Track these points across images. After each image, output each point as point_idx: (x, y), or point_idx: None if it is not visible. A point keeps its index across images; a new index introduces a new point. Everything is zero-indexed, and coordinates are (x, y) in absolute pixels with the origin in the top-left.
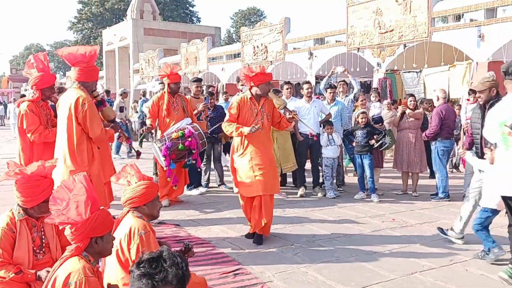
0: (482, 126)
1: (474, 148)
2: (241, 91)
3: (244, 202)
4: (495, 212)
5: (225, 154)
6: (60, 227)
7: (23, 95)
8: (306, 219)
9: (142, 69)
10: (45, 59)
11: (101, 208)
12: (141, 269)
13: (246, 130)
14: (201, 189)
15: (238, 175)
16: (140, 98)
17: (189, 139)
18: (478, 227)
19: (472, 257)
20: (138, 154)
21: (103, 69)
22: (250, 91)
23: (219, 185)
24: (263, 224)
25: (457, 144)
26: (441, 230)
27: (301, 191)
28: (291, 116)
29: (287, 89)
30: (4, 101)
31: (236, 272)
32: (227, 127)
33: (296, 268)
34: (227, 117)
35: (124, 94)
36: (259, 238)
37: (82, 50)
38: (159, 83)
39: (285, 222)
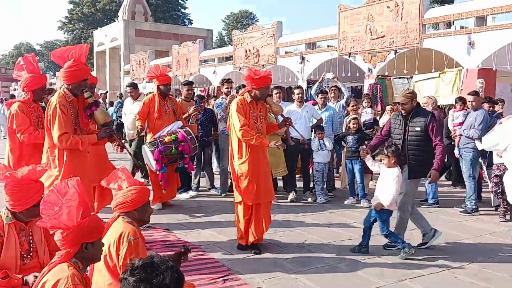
0: (405, 132)
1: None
2: (226, 94)
3: (244, 212)
4: (389, 212)
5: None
6: (51, 231)
7: (13, 96)
8: (296, 224)
9: (133, 70)
10: (34, 60)
11: (92, 214)
12: (137, 275)
13: (270, 144)
14: (191, 193)
15: (242, 183)
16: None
17: (182, 143)
18: (386, 230)
19: (460, 265)
20: (137, 166)
21: (93, 70)
22: (250, 94)
23: (209, 189)
24: (266, 230)
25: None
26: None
27: (291, 196)
28: (284, 122)
29: (276, 93)
30: None
31: (226, 278)
32: (246, 134)
33: (286, 275)
34: (241, 122)
35: (103, 95)
36: (258, 247)
37: (72, 50)
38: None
39: (276, 227)
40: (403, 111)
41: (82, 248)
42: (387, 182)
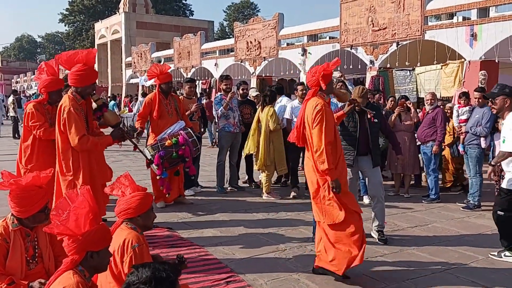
0: (361, 127)
1: None
2: (224, 91)
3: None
4: None
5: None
6: (58, 238)
7: (15, 91)
8: (298, 222)
9: (134, 63)
10: (56, 65)
11: (101, 223)
12: None
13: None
14: (196, 189)
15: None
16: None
17: (183, 147)
18: None
19: (462, 265)
20: (151, 162)
21: (95, 63)
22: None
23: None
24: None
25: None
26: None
27: (293, 192)
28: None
29: (302, 90)
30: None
31: (228, 279)
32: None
33: (289, 275)
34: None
35: (105, 91)
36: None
37: (80, 54)
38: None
39: (278, 225)
40: (358, 109)
41: (87, 256)
42: None
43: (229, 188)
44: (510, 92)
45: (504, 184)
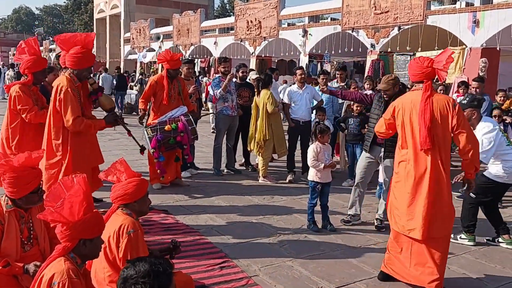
0: (380, 115)
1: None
2: (223, 73)
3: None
4: None
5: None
6: (52, 225)
7: (13, 64)
8: (294, 207)
9: (133, 39)
10: (36, 43)
11: (94, 211)
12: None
13: None
14: (192, 171)
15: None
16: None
17: (182, 134)
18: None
19: (454, 255)
20: (142, 149)
21: (93, 46)
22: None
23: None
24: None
25: None
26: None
27: (289, 176)
28: None
29: (301, 75)
30: None
31: (223, 265)
32: None
33: (282, 262)
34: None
35: (103, 67)
36: None
37: (78, 37)
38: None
39: (274, 210)
40: (385, 96)
41: (80, 244)
42: None
43: (225, 171)
44: (479, 104)
45: (488, 174)
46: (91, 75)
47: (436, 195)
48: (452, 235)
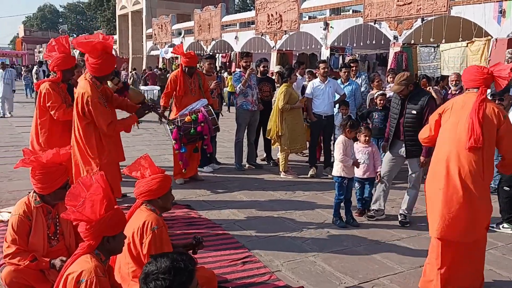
0: (400, 114)
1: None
2: (244, 68)
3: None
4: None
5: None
6: (74, 223)
7: (41, 62)
8: (316, 202)
9: (155, 34)
10: (67, 42)
11: (115, 207)
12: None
13: None
14: (214, 166)
15: None
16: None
17: (202, 124)
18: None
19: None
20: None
21: (116, 34)
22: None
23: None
24: None
25: None
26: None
27: (311, 171)
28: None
29: (324, 68)
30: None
31: (245, 260)
32: None
33: (305, 257)
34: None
35: (125, 65)
36: None
37: (96, 41)
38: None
39: (296, 205)
40: (401, 96)
41: (103, 241)
42: None
43: (247, 166)
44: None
45: None
46: (114, 74)
47: (470, 195)
48: (494, 225)
